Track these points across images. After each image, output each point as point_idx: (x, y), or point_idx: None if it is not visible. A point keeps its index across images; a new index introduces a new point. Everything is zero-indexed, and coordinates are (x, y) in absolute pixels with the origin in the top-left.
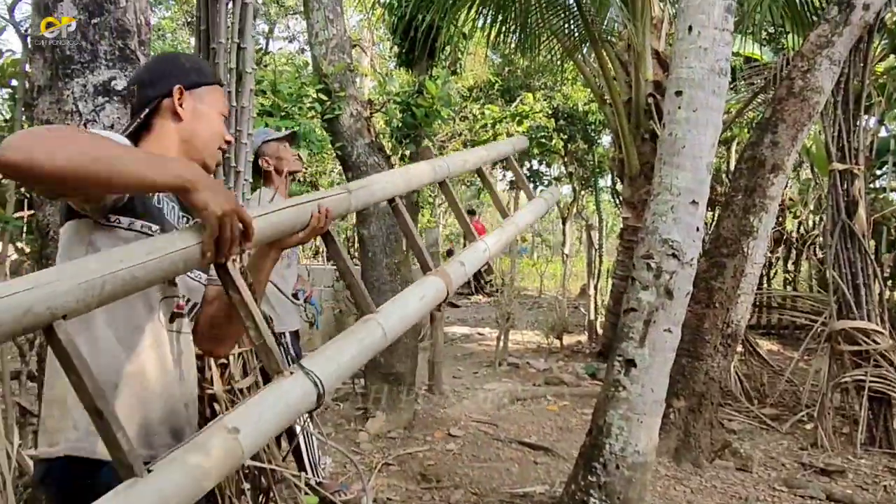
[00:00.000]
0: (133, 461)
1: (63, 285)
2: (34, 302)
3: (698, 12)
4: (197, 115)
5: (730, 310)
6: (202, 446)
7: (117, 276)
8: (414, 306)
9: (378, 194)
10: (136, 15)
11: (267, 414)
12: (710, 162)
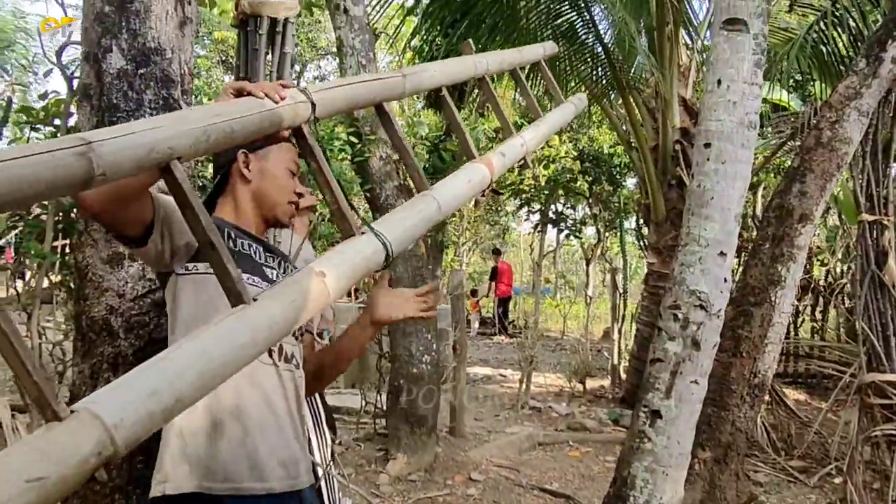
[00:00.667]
0: (242, 290)
1: (180, 129)
2: (157, 142)
3: (727, 66)
4: (264, 174)
5: (757, 359)
6: (297, 284)
7: (218, 127)
8: (462, 187)
9: (426, 82)
10: (181, 66)
11: (346, 264)
12: (738, 213)
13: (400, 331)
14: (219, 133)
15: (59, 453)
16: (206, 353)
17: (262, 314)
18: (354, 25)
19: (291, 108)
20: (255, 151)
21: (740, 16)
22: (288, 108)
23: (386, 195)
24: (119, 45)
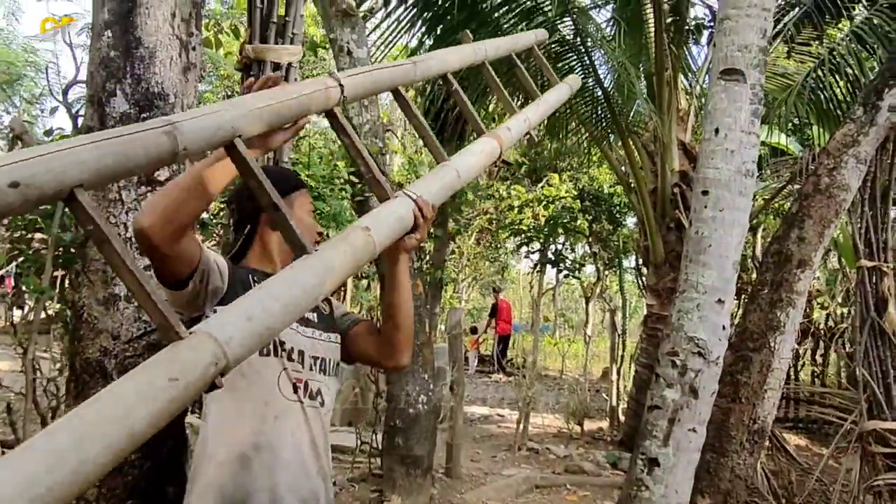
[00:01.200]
0: (305, 243)
1: (240, 112)
2: (223, 122)
3: (725, 115)
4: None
5: (756, 405)
6: (346, 239)
7: (270, 109)
8: (477, 157)
9: (434, 69)
10: (183, 110)
11: (385, 221)
12: (736, 261)
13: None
14: (270, 114)
15: (186, 363)
16: (283, 292)
17: (322, 260)
18: (357, 67)
19: (325, 93)
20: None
21: (738, 66)
22: (322, 91)
23: None
24: (123, 90)
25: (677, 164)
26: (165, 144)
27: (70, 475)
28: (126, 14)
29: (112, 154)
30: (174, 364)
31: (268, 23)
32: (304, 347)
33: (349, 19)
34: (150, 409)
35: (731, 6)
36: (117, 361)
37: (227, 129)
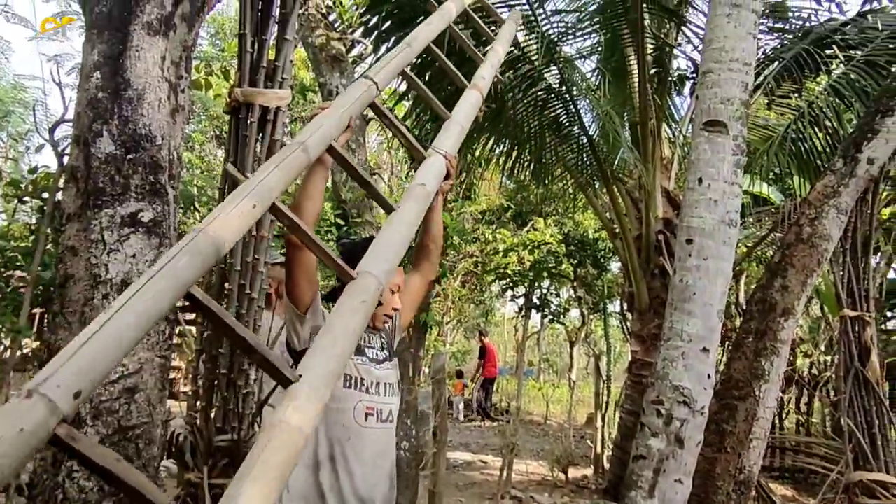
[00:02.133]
0: (391, 203)
1: (331, 122)
2: (325, 133)
3: (708, 166)
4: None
5: (742, 455)
6: (413, 193)
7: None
8: (469, 105)
9: (421, 42)
10: (170, 152)
11: (432, 174)
12: (720, 310)
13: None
14: (345, 118)
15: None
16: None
17: (406, 212)
18: None
19: (368, 91)
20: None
21: (720, 118)
22: (366, 91)
23: None
24: (110, 131)
25: (661, 211)
26: (303, 157)
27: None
28: (116, 56)
29: (283, 169)
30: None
31: (257, 67)
32: (380, 379)
33: (338, 64)
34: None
35: (713, 60)
36: (92, 406)
37: (327, 137)
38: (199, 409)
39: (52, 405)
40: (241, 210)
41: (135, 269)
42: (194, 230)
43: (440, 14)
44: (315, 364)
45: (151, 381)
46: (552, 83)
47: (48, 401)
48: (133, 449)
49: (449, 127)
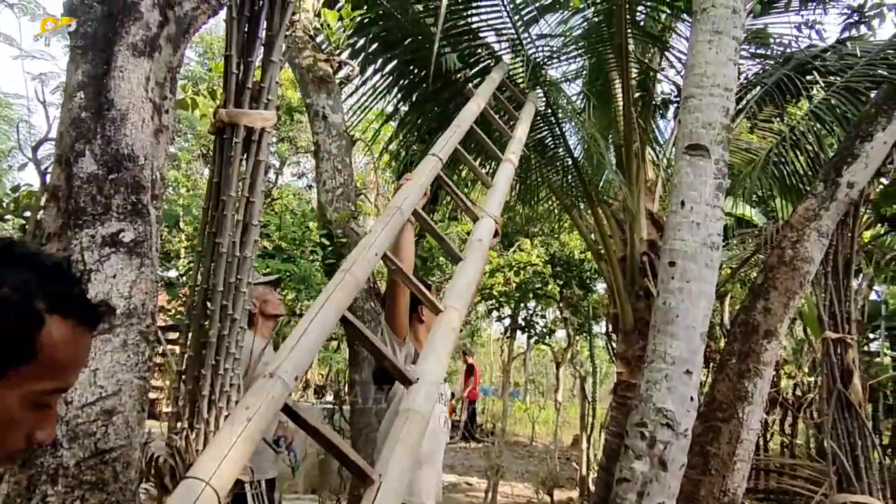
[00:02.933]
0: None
1: (413, 193)
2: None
3: (690, 189)
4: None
5: (726, 477)
6: (475, 248)
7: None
8: (507, 173)
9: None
10: (153, 172)
11: (486, 233)
12: (703, 332)
13: (363, 437)
14: (423, 188)
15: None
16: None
17: (471, 261)
18: (332, 132)
19: (435, 165)
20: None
21: (702, 142)
22: (434, 165)
23: (355, 297)
24: (92, 150)
25: (646, 233)
26: (399, 218)
27: None
28: (100, 76)
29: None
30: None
31: (243, 88)
32: (443, 391)
33: (325, 86)
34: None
35: (695, 85)
36: (69, 428)
37: (413, 203)
38: (180, 430)
39: (284, 384)
40: (367, 258)
41: (115, 290)
42: (341, 270)
43: (477, 98)
44: (428, 370)
45: (130, 402)
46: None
47: (283, 381)
48: (110, 472)
49: (494, 193)
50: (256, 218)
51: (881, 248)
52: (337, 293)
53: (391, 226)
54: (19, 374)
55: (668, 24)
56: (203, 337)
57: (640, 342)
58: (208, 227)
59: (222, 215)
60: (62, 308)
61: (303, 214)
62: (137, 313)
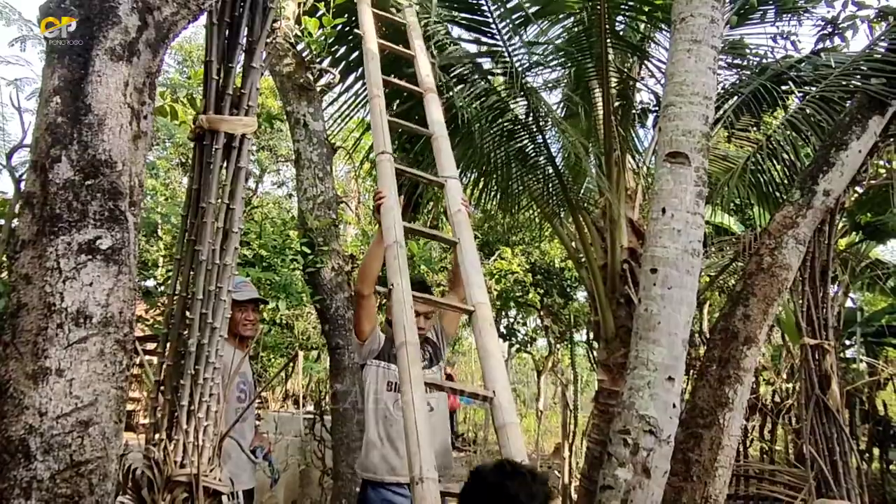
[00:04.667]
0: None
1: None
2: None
3: (671, 196)
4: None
5: (708, 484)
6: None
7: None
8: (440, 115)
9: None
10: (131, 177)
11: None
12: (685, 339)
13: (344, 446)
14: (398, 205)
15: None
16: (469, 252)
17: (466, 239)
18: (313, 139)
19: (391, 165)
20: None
21: (682, 150)
22: (391, 167)
23: (336, 306)
24: (69, 156)
25: (626, 241)
26: (403, 250)
27: None
28: (77, 81)
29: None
30: None
31: (223, 94)
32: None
33: (306, 93)
34: None
35: (675, 94)
36: (43, 440)
37: (402, 232)
38: (158, 441)
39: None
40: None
41: (91, 298)
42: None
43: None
44: (498, 377)
45: (107, 413)
46: (519, 114)
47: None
48: (86, 485)
49: (440, 146)
50: (237, 225)
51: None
52: (413, 370)
53: (405, 267)
54: None
55: (648, 34)
56: (182, 346)
57: (621, 349)
58: (188, 234)
59: (202, 223)
60: None
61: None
62: (115, 322)
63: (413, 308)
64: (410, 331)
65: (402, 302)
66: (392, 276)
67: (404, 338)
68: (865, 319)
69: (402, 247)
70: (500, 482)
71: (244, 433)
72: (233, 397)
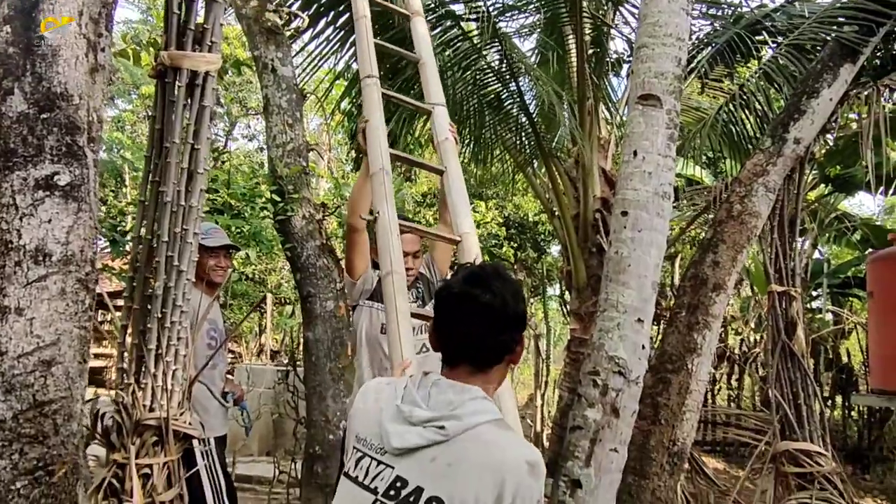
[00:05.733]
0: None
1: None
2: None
3: (642, 139)
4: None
5: (676, 427)
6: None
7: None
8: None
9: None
10: (89, 112)
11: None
12: (654, 281)
13: (317, 394)
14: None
15: None
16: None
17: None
18: (282, 85)
19: (377, 90)
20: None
21: (654, 92)
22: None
23: (307, 255)
24: (22, 88)
25: (599, 190)
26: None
27: None
28: (28, 10)
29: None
30: None
31: (185, 29)
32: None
33: (274, 37)
34: None
35: (648, 35)
36: (3, 379)
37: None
38: (126, 386)
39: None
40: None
41: (50, 236)
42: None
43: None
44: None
45: (70, 353)
46: (492, 61)
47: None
48: (50, 425)
49: (427, 72)
50: (202, 166)
51: (825, 208)
52: (399, 301)
53: (391, 194)
54: None
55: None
56: (148, 289)
57: (592, 298)
58: (151, 175)
59: (166, 163)
60: None
61: (252, 171)
62: (76, 260)
63: (399, 237)
64: (397, 260)
65: (388, 229)
66: (378, 203)
67: (390, 267)
68: (832, 271)
69: (388, 174)
70: (467, 291)
71: (215, 380)
72: (203, 343)
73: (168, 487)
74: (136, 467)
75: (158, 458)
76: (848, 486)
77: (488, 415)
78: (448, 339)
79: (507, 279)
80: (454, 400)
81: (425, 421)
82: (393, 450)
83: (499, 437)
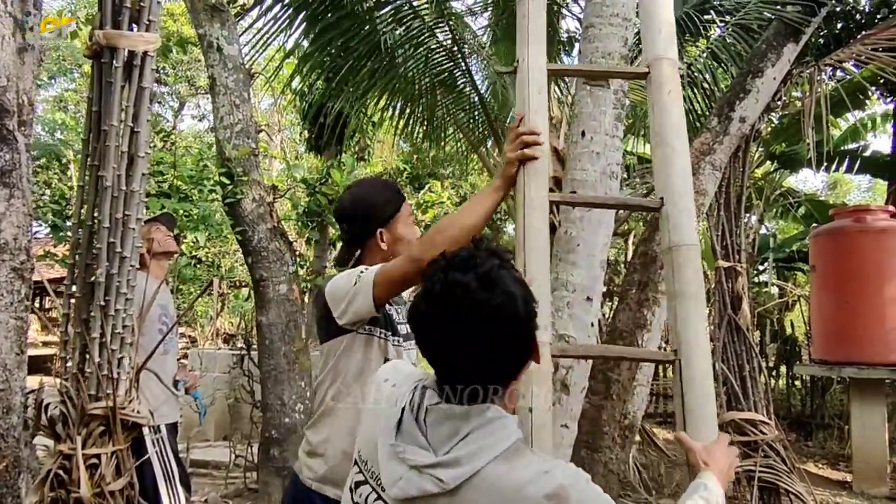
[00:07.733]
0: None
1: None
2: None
3: (590, 119)
4: (395, 237)
5: (626, 401)
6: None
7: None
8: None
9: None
10: (19, 94)
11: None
12: (603, 260)
13: (272, 378)
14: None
15: None
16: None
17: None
18: (228, 65)
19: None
20: (386, 225)
21: None
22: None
23: (259, 238)
24: None
25: (551, 169)
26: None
27: None
28: None
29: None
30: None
31: (121, 8)
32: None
33: (219, 14)
34: None
35: (595, 14)
36: None
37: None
38: (70, 376)
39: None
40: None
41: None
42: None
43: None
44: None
45: (7, 344)
46: (444, 40)
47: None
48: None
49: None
50: (143, 149)
51: (771, 185)
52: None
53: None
54: None
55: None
56: (90, 277)
57: None
58: (90, 159)
59: (105, 147)
60: None
61: (199, 153)
62: (9, 248)
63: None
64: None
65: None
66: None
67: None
68: (777, 246)
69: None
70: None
71: (166, 366)
72: (154, 329)
73: (117, 477)
74: (84, 457)
75: (106, 448)
76: (790, 453)
77: (495, 448)
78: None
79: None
80: (452, 435)
81: (422, 466)
82: (391, 500)
83: (510, 474)
